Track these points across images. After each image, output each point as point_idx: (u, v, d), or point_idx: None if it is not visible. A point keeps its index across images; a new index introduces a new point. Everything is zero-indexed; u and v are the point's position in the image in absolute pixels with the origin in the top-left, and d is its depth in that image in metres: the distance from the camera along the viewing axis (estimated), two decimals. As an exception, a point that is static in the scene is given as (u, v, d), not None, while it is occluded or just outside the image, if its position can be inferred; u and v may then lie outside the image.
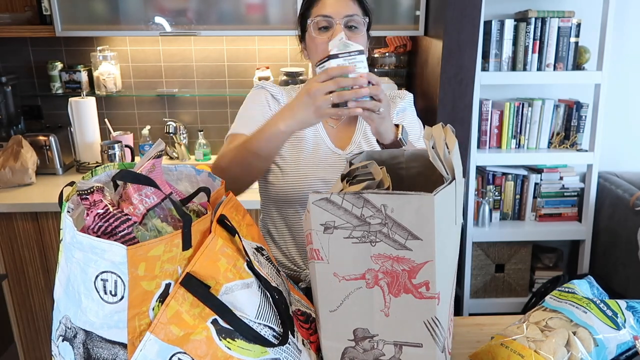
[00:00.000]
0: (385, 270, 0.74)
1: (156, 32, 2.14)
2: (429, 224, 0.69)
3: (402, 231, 0.71)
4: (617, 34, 2.36)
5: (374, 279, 0.75)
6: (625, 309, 0.89)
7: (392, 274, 0.74)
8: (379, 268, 0.74)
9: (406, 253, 0.72)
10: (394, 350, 0.78)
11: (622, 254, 2.27)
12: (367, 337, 0.80)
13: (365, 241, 0.74)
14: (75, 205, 0.75)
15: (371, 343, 0.80)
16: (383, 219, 0.71)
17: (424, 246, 0.71)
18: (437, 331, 0.75)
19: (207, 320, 0.73)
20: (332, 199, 0.73)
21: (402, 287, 0.74)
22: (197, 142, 2.48)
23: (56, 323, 0.75)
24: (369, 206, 0.72)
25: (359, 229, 0.73)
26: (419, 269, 0.72)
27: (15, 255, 2.00)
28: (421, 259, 0.72)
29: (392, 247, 0.72)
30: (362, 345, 0.80)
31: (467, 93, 2.01)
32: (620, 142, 2.56)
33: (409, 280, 0.73)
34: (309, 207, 0.75)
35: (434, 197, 0.68)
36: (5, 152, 2.11)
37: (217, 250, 0.75)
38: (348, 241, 0.75)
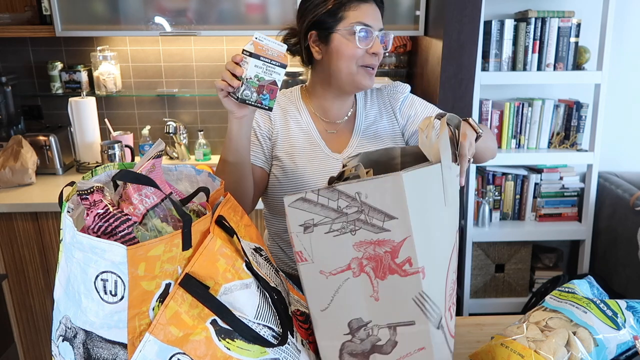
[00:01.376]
0: (369, 255, 0.76)
1: (156, 32, 2.14)
2: (401, 202, 0.72)
3: (378, 214, 0.74)
4: (617, 34, 2.36)
5: (359, 267, 0.77)
6: (625, 309, 0.89)
7: (376, 258, 0.76)
8: (362, 255, 0.77)
9: (386, 234, 0.75)
10: (389, 333, 0.79)
11: (622, 254, 2.27)
12: (362, 325, 0.80)
13: (345, 232, 0.76)
14: (75, 205, 0.75)
15: (366, 331, 0.81)
16: (359, 206, 0.74)
17: (400, 224, 0.73)
18: (426, 306, 0.77)
19: (207, 321, 0.73)
20: (307, 198, 0.75)
21: (387, 269, 0.76)
22: (197, 142, 2.48)
23: (56, 323, 0.75)
24: (344, 197, 0.74)
25: (338, 220, 0.76)
26: (399, 247, 0.75)
27: (15, 255, 2.00)
28: (399, 236, 0.74)
29: (371, 232, 0.75)
30: (359, 335, 0.81)
31: (467, 93, 2.01)
32: (620, 142, 2.56)
33: (392, 260, 0.76)
34: (286, 210, 0.77)
35: (402, 174, 0.71)
36: (5, 152, 2.11)
37: (215, 250, 0.75)
38: (329, 235, 0.77)
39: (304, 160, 1.19)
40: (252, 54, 0.94)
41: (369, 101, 1.28)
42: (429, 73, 2.16)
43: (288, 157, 1.19)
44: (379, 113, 1.27)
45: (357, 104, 1.27)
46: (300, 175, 1.18)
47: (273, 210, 1.23)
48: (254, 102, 0.95)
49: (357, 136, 1.24)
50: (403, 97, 1.27)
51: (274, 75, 0.95)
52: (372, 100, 1.28)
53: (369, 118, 1.26)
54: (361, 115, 1.26)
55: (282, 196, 1.17)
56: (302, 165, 1.18)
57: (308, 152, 1.20)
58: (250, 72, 0.94)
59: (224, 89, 0.95)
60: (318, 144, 1.21)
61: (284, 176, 1.18)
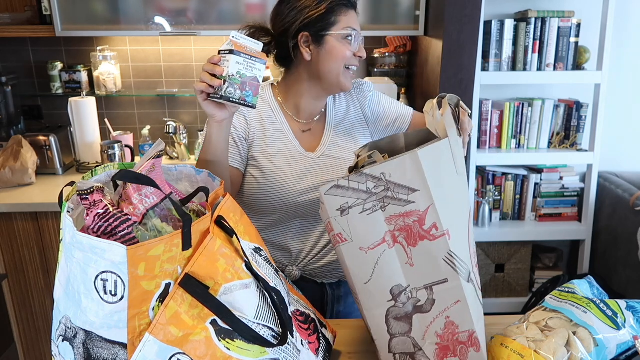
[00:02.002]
0: (400, 227, 0.86)
1: (156, 32, 2.14)
2: (420, 175, 0.83)
3: (402, 189, 0.85)
4: (617, 34, 2.36)
5: (392, 238, 0.87)
6: (625, 309, 0.89)
7: (406, 228, 0.86)
8: (394, 228, 0.87)
9: (412, 206, 0.85)
10: (426, 293, 0.89)
11: (622, 254, 2.27)
12: (402, 290, 0.90)
13: (376, 209, 0.86)
14: (75, 205, 0.75)
15: (406, 295, 0.90)
16: (385, 185, 0.85)
17: (423, 195, 0.84)
18: (456, 263, 0.86)
19: (206, 321, 0.73)
20: (340, 184, 0.86)
21: (417, 236, 0.86)
22: (197, 142, 2.48)
23: (56, 323, 0.75)
24: (371, 179, 0.85)
25: (369, 200, 0.86)
26: (425, 215, 0.85)
27: (15, 255, 2.00)
28: (423, 206, 0.85)
29: (399, 206, 0.85)
30: (400, 300, 0.90)
31: (467, 93, 2.01)
32: (620, 142, 2.56)
33: (421, 228, 0.86)
34: (322, 199, 0.88)
35: (417, 151, 0.83)
36: (5, 152, 2.11)
37: (215, 250, 0.75)
38: (363, 215, 0.87)
39: (281, 160, 1.21)
40: (233, 51, 0.94)
41: (337, 99, 1.32)
42: (429, 73, 2.16)
43: (265, 157, 1.21)
44: (347, 109, 1.31)
45: (327, 103, 1.30)
46: (278, 175, 1.20)
47: (251, 209, 1.23)
48: (237, 100, 0.95)
49: (329, 134, 1.27)
50: (370, 95, 1.32)
51: (255, 72, 0.96)
52: (340, 97, 1.32)
53: (338, 115, 1.30)
54: (331, 113, 1.29)
55: (261, 196, 1.20)
56: (279, 165, 1.20)
57: (284, 152, 1.22)
58: (232, 69, 0.93)
59: (204, 90, 0.95)
60: (292, 143, 1.23)
61: (262, 176, 1.20)
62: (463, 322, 0.88)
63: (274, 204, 1.20)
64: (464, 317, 0.88)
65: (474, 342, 0.88)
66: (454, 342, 0.89)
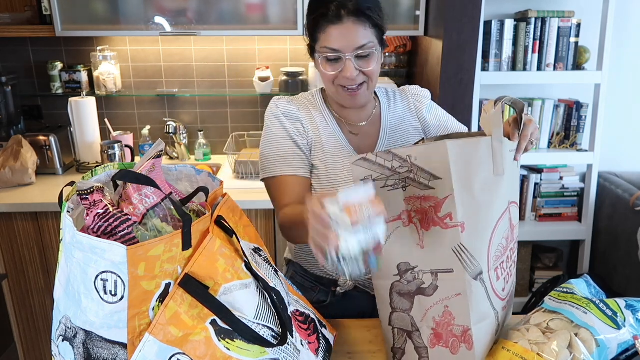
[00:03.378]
0: (416, 208, 0.89)
1: (156, 32, 2.14)
2: (444, 165, 0.84)
3: (425, 174, 0.87)
4: (617, 34, 2.36)
5: (408, 218, 0.90)
6: (625, 308, 0.89)
7: (422, 211, 0.88)
8: (411, 208, 0.89)
9: (431, 192, 0.87)
10: (431, 278, 0.90)
11: (622, 254, 2.27)
12: (409, 269, 0.92)
13: (397, 187, 0.90)
14: (75, 205, 0.75)
15: (413, 274, 0.92)
16: (409, 167, 0.87)
17: (444, 184, 0.85)
18: (464, 257, 0.86)
19: (206, 321, 0.73)
20: (367, 158, 0.90)
21: (431, 221, 0.88)
22: (197, 142, 2.48)
23: (56, 323, 0.75)
24: (397, 159, 0.88)
25: (392, 178, 0.90)
26: (442, 203, 0.86)
27: (15, 255, 2.00)
28: (442, 194, 0.85)
29: (418, 189, 0.88)
30: (406, 277, 0.93)
31: (467, 93, 2.01)
32: (620, 142, 2.56)
33: (436, 214, 0.87)
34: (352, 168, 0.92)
35: (447, 142, 0.83)
36: (5, 152, 2.11)
37: (215, 250, 0.75)
38: (384, 190, 0.91)
39: (337, 167, 1.17)
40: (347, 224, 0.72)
41: (392, 101, 1.27)
42: (429, 73, 2.16)
43: (322, 164, 1.17)
44: (402, 113, 1.26)
45: (380, 104, 1.25)
46: (333, 178, 1.16)
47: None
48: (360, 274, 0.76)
49: (384, 139, 1.22)
50: (428, 104, 1.28)
51: (376, 235, 0.74)
52: (396, 100, 1.27)
53: (394, 118, 1.25)
54: (386, 118, 1.24)
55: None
56: (333, 172, 1.16)
57: (340, 159, 1.17)
58: (352, 249, 0.73)
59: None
60: (346, 148, 1.19)
61: (319, 184, 1.17)
62: (460, 315, 0.88)
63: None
64: (462, 311, 0.88)
65: (467, 339, 0.88)
66: (448, 332, 0.90)
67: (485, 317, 0.90)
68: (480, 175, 0.87)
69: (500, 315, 0.94)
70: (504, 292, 0.94)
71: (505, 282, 0.95)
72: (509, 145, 0.92)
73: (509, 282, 0.97)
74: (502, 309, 0.94)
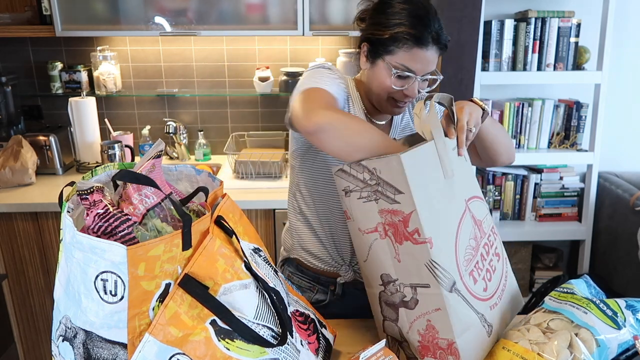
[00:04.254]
0: (389, 222, 0.88)
1: (156, 32, 2.14)
2: (403, 179, 0.83)
3: (390, 188, 0.86)
4: (617, 34, 2.35)
5: (384, 230, 0.89)
6: (625, 308, 0.89)
7: (393, 225, 0.87)
8: (384, 221, 0.89)
9: (397, 206, 0.86)
10: (411, 291, 0.89)
11: (622, 254, 2.27)
12: (390, 281, 0.92)
13: (371, 199, 0.89)
14: (75, 205, 0.75)
15: (395, 286, 0.92)
16: (377, 180, 0.87)
17: (407, 198, 0.84)
18: (437, 273, 0.85)
19: (206, 321, 0.73)
20: (344, 169, 0.91)
21: (402, 236, 0.87)
22: (197, 142, 2.48)
23: (56, 323, 0.75)
24: (367, 171, 0.88)
25: (365, 190, 0.89)
26: (408, 218, 0.85)
27: (15, 255, 2.00)
28: (407, 209, 0.85)
29: (387, 202, 0.87)
30: (389, 288, 0.93)
31: (467, 93, 2.01)
32: (620, 142, 2.55)
33: (405, 229, 0.86)
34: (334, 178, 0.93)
35: (400, 155, 0.82)
36: (5, 152, 2.11)
37: (215, 250, 0.75)
38: (360, 201, 0.91)
39: None
40: None
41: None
42: (429, 73, 2.16)
43: None
44: (410, 119, 1.29)
45: None
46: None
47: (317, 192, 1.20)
48: None
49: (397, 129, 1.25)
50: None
51: None
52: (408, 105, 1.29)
53: (403, 121, 1.27)
54: (397, 118, 1.26)
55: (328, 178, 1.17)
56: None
57: None
58: None
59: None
60: None
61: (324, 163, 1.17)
62: (443, 329, 0.87)
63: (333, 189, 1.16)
64: (443, 326, 0.87)
65: (453, 351, 0.87)
66: (434, 345, 0.89)
67: (469, 325, 0.88)
68: (434, 183, 0.86)
69: (489, 315, 0.92)
70: (486, 292, 0.93)
71: (487, 281, 0.93)
72: (451, 144, 0.90)
73: (494, 279, 0.95)
74: (490, 307, 0.93)
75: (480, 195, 0.99)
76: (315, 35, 2.21)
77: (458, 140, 0.93)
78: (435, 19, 1.09)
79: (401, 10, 1.08)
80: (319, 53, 2.45)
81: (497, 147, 1.17)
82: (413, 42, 1.06)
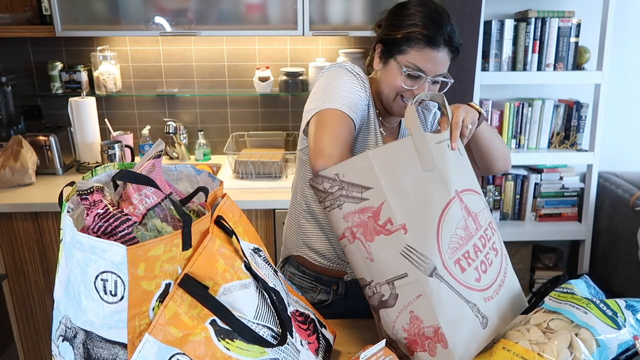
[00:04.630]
0: (357, 223, 0.90)
1: (156, 32, 2.14)
2: (372, 174, 0.88)
3: (356, 188, 0.89)
4: (617, 34, 2.36)
5: (351, 235, 0.92)
6: (625, 308, 0.89)
7: (362, 224, 0.90)
8: (351, 224, 0.91)
9: (365, 203, 0.89)
10: (389, 287, 0.91)
11: (622, 254, 2.27)
12: (365, 284, 0.94)
13: (334, 207, 0.92)
14: (75, 205, 0.75)
15: (370, 289, 0.93)
16: (339, 185, 0.90)
17: (376, 192, 0.88)
18: (414, 257, 0.87)
19: (206, 321, 0.73)
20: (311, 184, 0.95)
21: (373, 231, 0.89)
22: (197, 142, 2.48)
23: (56, 323, 0.75)
24: (326, 180, 0.91)
25: (327, 199, 0.93)
26: (379, 211, 0.88)
27: (15, 255, 2.00)
28: (377, 202, 0.88)
29: (354, 203, 0.90)
30: (366, 292, 0.94)
31: (467, 93, 2.01)
32: (620, 142, 2.56)
33: (376, 223, 0.89)
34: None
35: (368, 152, 0.88)
36: (5, 152, 2.11)
37: (215, 251, 0.75)
38: (326, 211, 0.94)
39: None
40: None
41: None
42: (429, 73, 2.16)
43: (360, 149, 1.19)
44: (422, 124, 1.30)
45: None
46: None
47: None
48: None
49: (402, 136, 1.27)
50: (435, 111, 1.32)
51: None
52: None
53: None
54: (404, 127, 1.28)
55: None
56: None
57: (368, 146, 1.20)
58: None
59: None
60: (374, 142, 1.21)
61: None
62: (427, 316, 0.88)
63: None
64: (427, 312, 0.87)
65: (440, 337, 0.88)
66: (421, 336, 0.89)
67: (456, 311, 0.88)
68: (409, 175, 0.89)
69: (483, 306, 0.91)
70: (479, 283, 0.92)
71: (482, 272, 0.92)
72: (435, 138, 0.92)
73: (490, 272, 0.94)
74: (485, 299, 0.92)
75: (477, 190, 0.98)
76: (315, 35, 2.21)
77: (451, 134, 0.95)
78: (449, 23, 1.11)
79: (416, 12, 1.10)
80: (319, 53, 2.45)
81: (494, 154, 1.19)
82: (425, 42, 1.08)
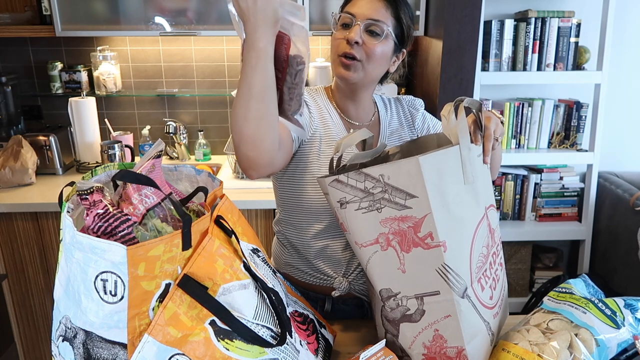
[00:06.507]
0: (394, 230, 0.84)
1: (156, 32, 2.14)
2: (420, 182, 0.81)
3: (400, 193, 0.82)
4: (617, 34, 2.36)
5: (386, 241, 0.85)
6: (624, 307, 0.89)
7: (400, 232, 0.84)
8: (388, 230, 0.84)
9: (408, 212, 0.83)
10: (416, 302, 0.86)
11: (622, 254, 2.27)
12: (391, 295, 0.88)
13: (372, 209, 0.85)
14: (75, 205, 0.75)
15: (396, 301, 0.88)
16: (383, 187, 0.83)
17: (421, 202, 0.81)
18: (449, 277, 0.83)
19: (205, 322, 0.73)
20: (340, 179, 0.86)
21: (411, 242, 0.83)
22: (197, 142, 2.48)
23: (56, 323, 0.75)
24: (369, 179, 0.83)
25: (365, 200, 0.85)
26: (421, 222, 0.82)
27: (15, 255, 2.00)
28: (421, 213, 0.82)
29: (395, 209, 0.83)
30: (389, 304, 0.89)
31: (467, 93, 2.01)
32: (620, 142, 2.56)
33: (415, 234, 0.83)
34: (327, 190, 0.88)
35: (419, 158, 0.80)
36: (5, 152, 2.11)
37: (214, 251, 0.75)
38: (358, 212, 0.86)
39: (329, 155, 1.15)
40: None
41: (389, 108, 1.28)
42: (429, 73, 2.16)
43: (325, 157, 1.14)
44: (398, 120, 1.27)
45: (378, 110, 1.26)
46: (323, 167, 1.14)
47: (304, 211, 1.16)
48: None
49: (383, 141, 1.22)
50: (422, 111, 1.30)
51: None
52: (392, 108, 1.28)
53: (392, 125, 1.25)
54: (385, 121, 1.25)
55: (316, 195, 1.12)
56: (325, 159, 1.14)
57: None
58: None
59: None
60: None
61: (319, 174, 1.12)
62: (452, 337, 0.85)
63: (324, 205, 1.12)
64: (453, 333, 0.85)
65: (462, 359, 0.86)
66: (442, 355, 0.87)
67: (477, 332, 0.87)
68: (453, 187, 0.84)
69: (493, 324, 0.91)
70: (491, 300, 0.91)
71: (492, 289, 0.92)
72: (476, 150, 0.88)
73: (497, 288, 0.94)
74: (494, 316, 0.92)
75: (494, 205, 0.97)
76: (315, 35, 2.21)
77: (484, 148, 0.91)
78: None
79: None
80: (319, 53, 2.45)
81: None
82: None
